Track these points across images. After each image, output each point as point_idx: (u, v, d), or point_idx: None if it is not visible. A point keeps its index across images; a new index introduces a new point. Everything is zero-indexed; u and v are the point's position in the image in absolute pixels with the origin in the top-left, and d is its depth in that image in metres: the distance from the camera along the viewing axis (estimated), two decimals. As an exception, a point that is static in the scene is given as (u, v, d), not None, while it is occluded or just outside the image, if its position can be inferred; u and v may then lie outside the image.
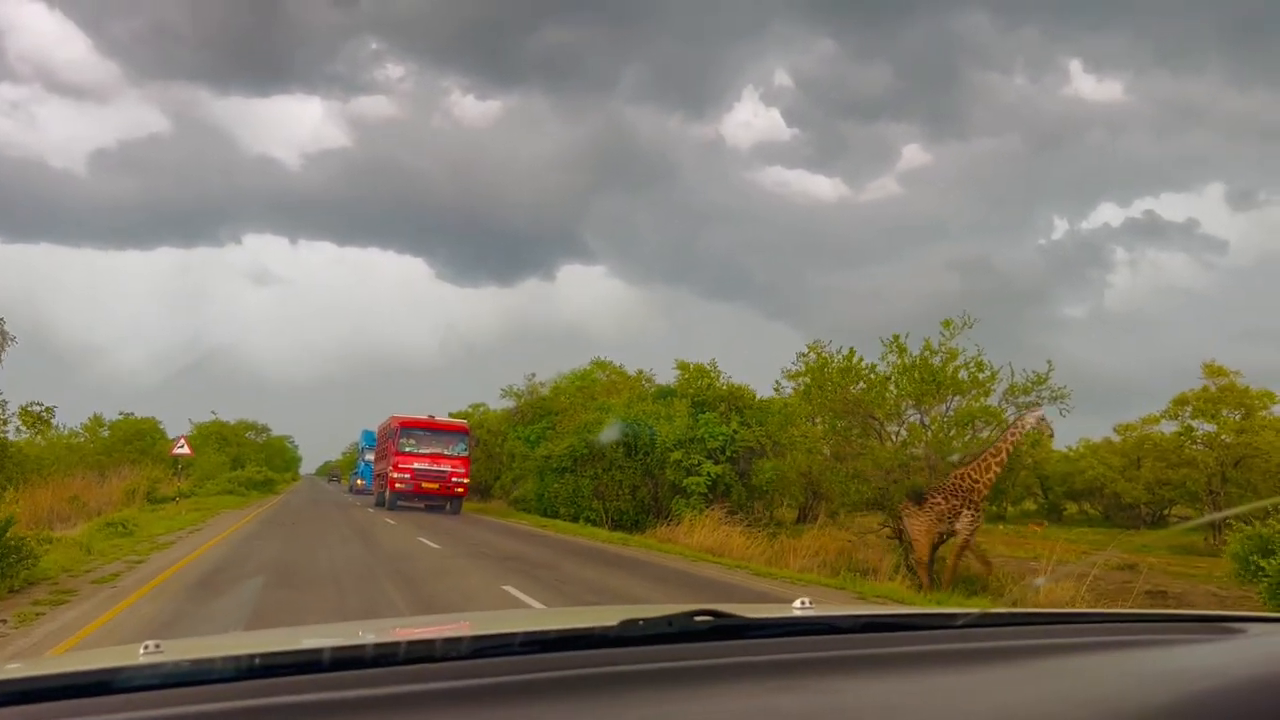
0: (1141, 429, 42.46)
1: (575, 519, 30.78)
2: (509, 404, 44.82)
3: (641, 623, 1.62)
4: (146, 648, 1.52)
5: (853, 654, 1.69)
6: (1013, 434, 16.46)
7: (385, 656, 1.42)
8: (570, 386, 41.91)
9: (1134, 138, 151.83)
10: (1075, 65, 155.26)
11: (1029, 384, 19.51)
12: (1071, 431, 58.29)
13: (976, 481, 16.57)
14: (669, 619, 1.64)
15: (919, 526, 17.26)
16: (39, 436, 30.77)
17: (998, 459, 16.37)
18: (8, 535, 10.40)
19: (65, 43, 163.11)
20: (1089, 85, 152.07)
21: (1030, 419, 16.56)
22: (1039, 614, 2.30)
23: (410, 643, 1.48)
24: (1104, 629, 2.07)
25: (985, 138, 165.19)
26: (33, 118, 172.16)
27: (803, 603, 2.10)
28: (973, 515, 16.65)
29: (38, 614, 9.26)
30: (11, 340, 24.21)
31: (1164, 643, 1.92)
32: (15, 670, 1.50)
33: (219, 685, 1.28)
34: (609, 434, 29.67)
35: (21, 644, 7.86)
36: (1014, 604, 15.84)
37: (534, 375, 44.33)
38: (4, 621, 8.79)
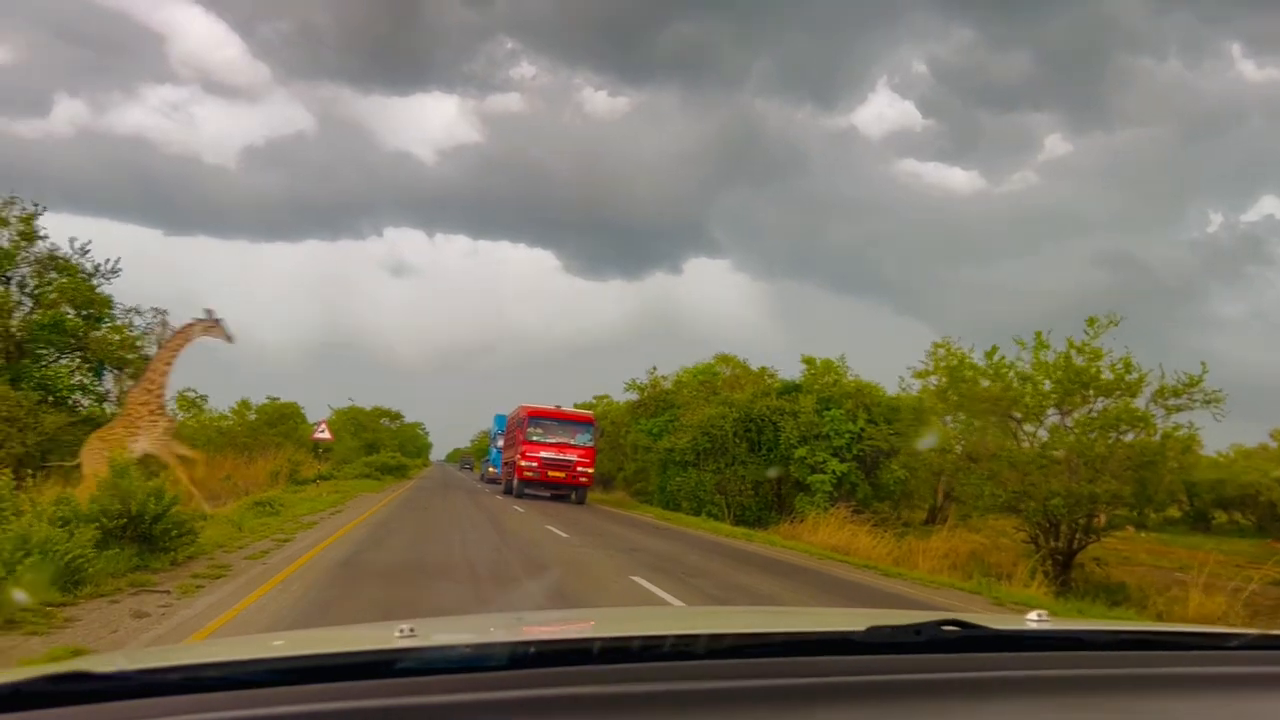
0: (1301, 435, 39.89)
1: (697, 512, 30.84)
2: (632, 397, 45.19)
3: (889, 630, 1.58)
4: (402, 631, 1.54)
5: (1114, 673, 1.59)
6: None
7: (651, 649, 1.42)
8: (693, 380, 41.95)
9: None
10: (1235, 49, 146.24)
11: (1180, 386, 18.60)
12: (1223, 436, 55.20)
13: None
14: (916, 628, 1.59)
15: None
16: (194, 420, 32.61)
17: None
18: (172, 513, 11.05)
19: (221, 46, 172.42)
20: (1249, 69, 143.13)
21: None
22: None
23: (677, 636, 1.49)
24: None
25: (1133, 127, 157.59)
26: (191, 117, 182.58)
27: (1038, 615, 1.99)
28: None
29: (198, 586, 9.79)
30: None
31: None
32: (282, 648, 1.55)
33: (499, 673, 1.30)
34: (928, 441, 25.78)
35: (185, 614, 8.33)
36: (1159, 616, 15.12)
37: (655, 368, 44.54)
38: (168, 593, 9.33)
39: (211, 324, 17.92)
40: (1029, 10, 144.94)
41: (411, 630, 1.55)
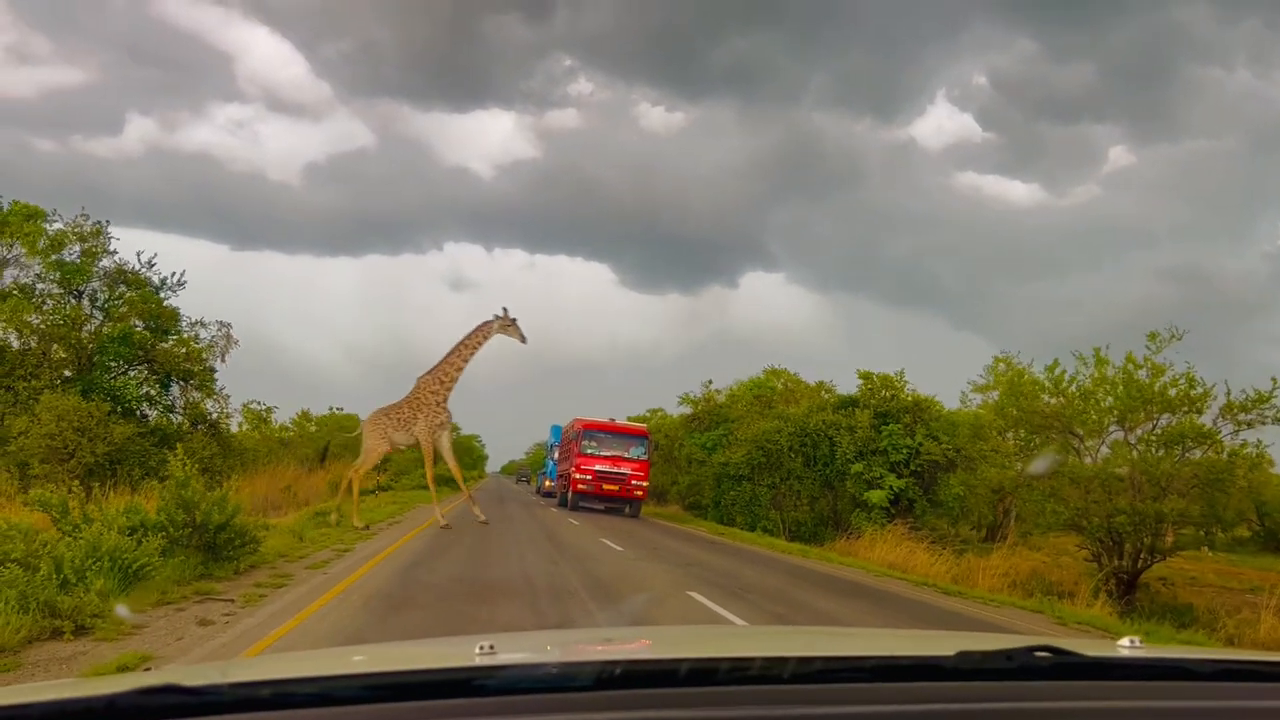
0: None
1: (752, 528, 30.64)
2: (686, 410, 45.16)
3: (979, 655, 1.52)
4: (482, 648, 1.52)
5: (1217, 706, 1.52)
6: None
7: (738, 672, 1.38)
8: (747, 394, 41.80)
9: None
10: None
11: (1249, 402, 18.11)
12: (1296, 453, 53.44)
13: None
14: (1008, 654, 1.52)
15: None
16: (256, 431, 33.28)
17: None
18: (235, 522, 11.27)
19: (286, 65, 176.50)
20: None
21: None
22: None
23: (765, 659, 1.45)
24: None
25: (1200, 138, 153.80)
26: (255, 135, 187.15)
27: (1131, 641, 1.89)
28: None
29: (260, 595, 9.96)
30: (235, 344, 26.18)
31: None
32: (364, 664, 1.56)
33: (586, 694, 1.28)
34: (1039, 465, 24.85)
35: (248, 623, 8.48)
36: (1229, 640, 14.66)
37: (711, 382, 44.49)
38: (231, 601, 9.50)
39: (508, 323, 18.72)
40: (1092, 21, 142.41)
41: (491, 647, 1.54)
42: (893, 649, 1.82)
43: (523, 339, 19.11)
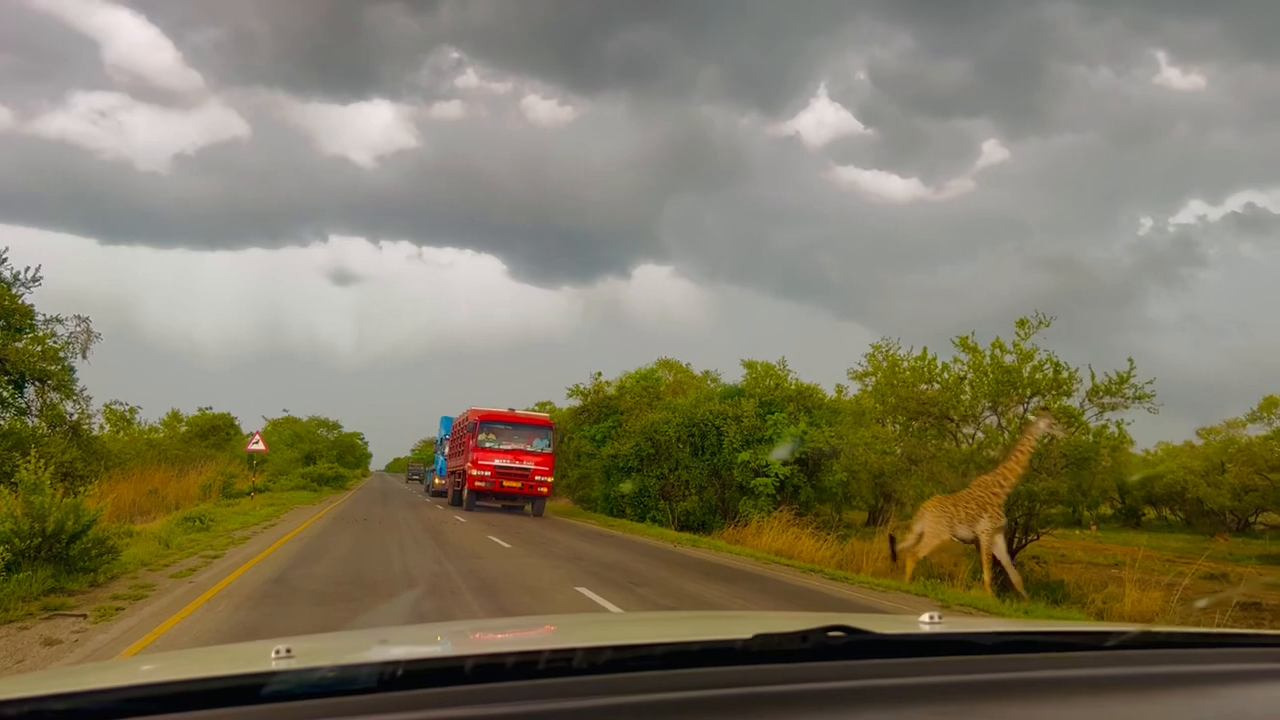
0: (1226, 432, 41.05)
1: (641, 519, 30.67)
2: (576, 402, 44.89)
3: (774, 638, 1.55)
4: (278, 652, 1.50)
5: (998, 678, 1.58)
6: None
7: (526, 666, 1.38)
8: (636, 386, 41.80)
9: (1226, 131, 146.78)
10: (1161, 56, 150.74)
11: (1111, 385, 18.93)
12: (1152, 435, 56.66)
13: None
14: (803, 634, 1.56)
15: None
16: (121, 433, 31.60)
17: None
18: (92, 531, 10.57)
19: (153, 51, 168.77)
20: (1174, 77, 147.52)
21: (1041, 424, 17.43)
22: (1209, 635, 2.06)
23: (552, 652, 1.44)
24: None
25: (1066, 133, 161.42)
26: (121, 124, 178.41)
27: (931, 617, 1.98)
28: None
29: (117, 609, 9.36)
30: (96, 338, 24.76)
31: None
32: (152, 673, 1.51)
33: (365, 696, 1.26)
34: (780, 453, 27.50)
35: (101, 639, 7.93)
36: (1099, 614, 15.30)
37: (600, 374, 44.34)
38: (84, 616, 8.89)
39: (1053, 421, 18.78)
40: (966, 18, 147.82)
41: (288, 651, 1.51)
42: (693, 634, 1.86)
43: (1063, 434, 19.81)
